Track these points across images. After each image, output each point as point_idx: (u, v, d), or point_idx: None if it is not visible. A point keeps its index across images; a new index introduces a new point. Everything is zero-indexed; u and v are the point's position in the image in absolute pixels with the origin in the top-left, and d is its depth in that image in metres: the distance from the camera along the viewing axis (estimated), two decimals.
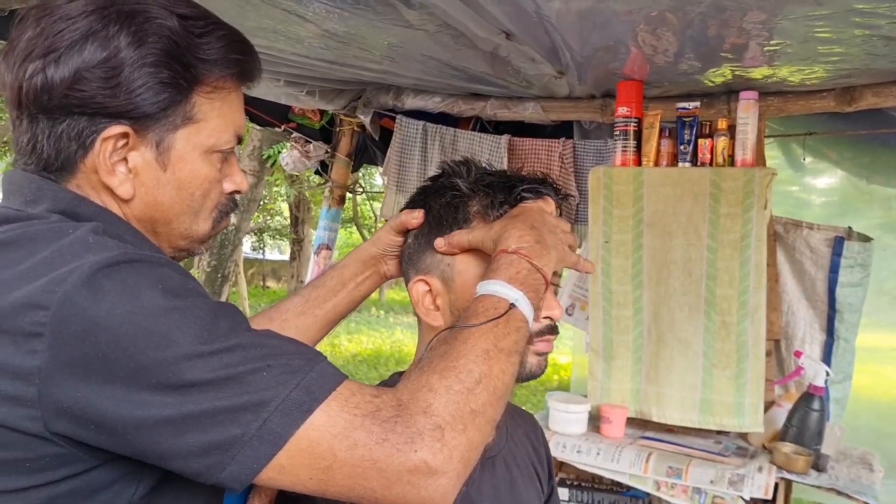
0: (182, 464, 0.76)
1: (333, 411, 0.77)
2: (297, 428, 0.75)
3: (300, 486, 0.78)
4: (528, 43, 2.14)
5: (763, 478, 2.09)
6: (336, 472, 0.77)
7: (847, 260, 2.41)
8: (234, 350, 0.77)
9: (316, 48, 2.32)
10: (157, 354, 0.74)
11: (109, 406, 0.74)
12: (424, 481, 0.77)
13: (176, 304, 0.77)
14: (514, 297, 0.93)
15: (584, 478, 2.47)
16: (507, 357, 0.88)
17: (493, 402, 0.85)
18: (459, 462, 0.79)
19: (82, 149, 0.87)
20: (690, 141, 2.42)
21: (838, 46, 1.98)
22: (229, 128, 0.95)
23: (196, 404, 0.74)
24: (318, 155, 3.29)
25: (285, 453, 0.75)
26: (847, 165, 2.91)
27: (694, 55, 2.16)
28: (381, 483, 0.77)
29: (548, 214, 1.08)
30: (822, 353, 2.50)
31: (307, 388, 0.77)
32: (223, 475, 0.75)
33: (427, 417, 0.79)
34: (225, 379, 0.75)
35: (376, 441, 0.77)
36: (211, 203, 0.97)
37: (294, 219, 12.14)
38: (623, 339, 2.47)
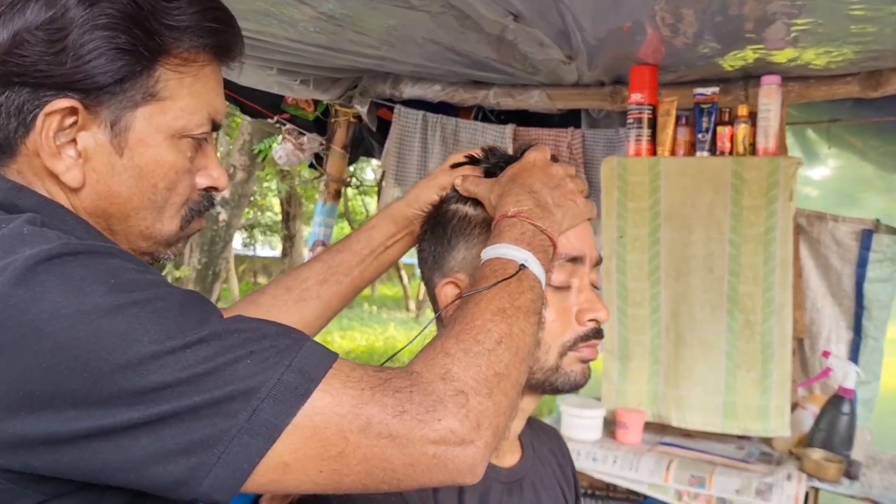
0: (157, 474, 0.62)
1: (335, 389, 0.66)
2: (293, 415, 0.64)
3: (310, 483, 0.66)
4: (537, 25, 2.01)
5: (792, 487, 1.96)
6: (350, 459, 0.65)
7: (876, 254, 2.29)
8: (209, 341, 0.64)
9: (310, 32, 2.18)
10: (117, 358, 0.61)
11: (61, 426, 0.61)
12: (452, 452, 0.67)
13: (134, 298, 0.64)
14: (522, 257, 0.83)
15: (598, 486, 2.35)
16: (525, 316, 0.79)
17: (516, 364, 0.76)
18: (488, 430, 0.70)
19: (23, 127, 0.74)
20: (709, 129, 2.29)
21: (871, 25, 1.86)
22: (201, 109, 0.80)
23: (171, 403, 0.61)
24: (312, 147, 3.16)
25: (286, 447, 0.64)
26: (873, 155, 2.79)
27: (714, 36, 2.03)
28: (403, 462, 0.66)
29: (548, 166, 0.96)
30: (849, 352, 2.38)
31: (300, 369, 0.66)
32: (208, 480, 0.62)
33: (447, 383, 0.69)
34: (203, 374, 0.63)
35: (393, 414, 0.66)
36: (178, 198, 0.82)
37: (285, 214, 12.02)
38: (639, 339, 2.34)
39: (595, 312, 0.97)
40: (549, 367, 0.96)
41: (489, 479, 0.99)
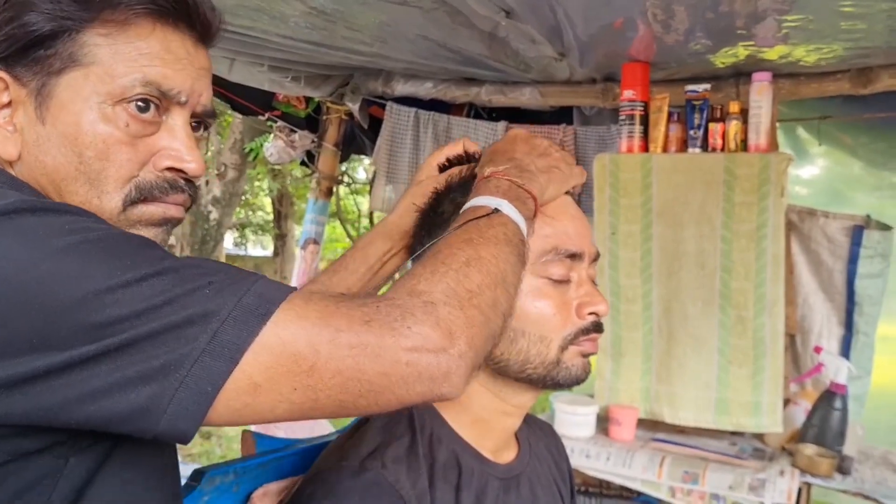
0: (118, 404, 0.60)
1: (299, 307, 0.65)
2: (256, 334, 0.62)
3: (285, 404, 0.64)
4: (529, 21, 2.01)
5: (785, 482, 1.96)
6: (323, 372, 0.64)
7: (867, 250, 2.30)
8: (165, 274, 0.63)
9: (302, 28, 2.17)
10: (72, 294, 0.59)
11: (19, 368, 0.59)
12: (426, 360, 0.66)
13: (87, 237, 0.63)
14: (495, 203, 0.83)
15: (592, 483, 2.34)
16: (496, 244, 0.78)
17: (490, 286, 0.74)
18: (462, 340, 0.68)
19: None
20: (701, 126, 2.29)
21: (861, 22, 1.86)
22: (133, 72, 0.74)
23: (129, 333, 0.60)
24: (303, 145, 3.14)
25: (255, 366, 0.62)
26: (863, 151, 2.80)
27: (705, 33, 2.03)
28: (377, 371, 0.65)
29: (531, 138, 0.97)
30: (840, 347, 2.38)
31: (259, 293, 0.64)
32: (171, 406, 0.60)
33: (414, 297, 0.68)
34: (161, 304, 0.61)
35: (361, 322, 0.65)
36: (117, 171, 0.76)
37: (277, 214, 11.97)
38: (632, 336, 2.34)
39: (595, 305, 0.97)
40: (550, 362, 0.95)
41: (485, 475, 0.98)
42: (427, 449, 0.95)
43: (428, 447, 0.96)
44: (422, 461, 0.93)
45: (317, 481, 0.91)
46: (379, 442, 0.93)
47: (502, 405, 1.01)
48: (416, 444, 0.94)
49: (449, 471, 0.95)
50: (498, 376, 0.98)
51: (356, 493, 0.87)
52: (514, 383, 0.98)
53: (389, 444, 0.93)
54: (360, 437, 0.95)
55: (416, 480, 0.90)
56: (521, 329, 0.94)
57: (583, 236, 0.98)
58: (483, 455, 1.00)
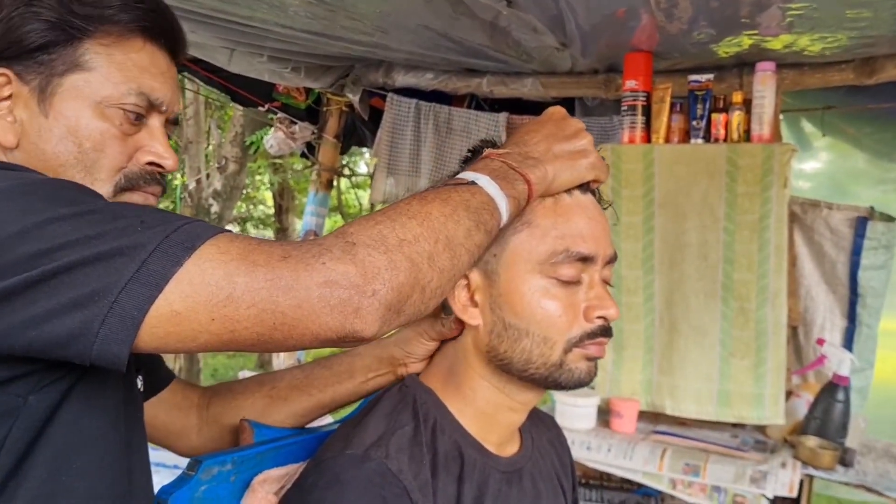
0: (53, 329, 0.65)
1: (223, 243, 0.69)
2: (181, 265, 0.67)
3: (205, 334, 0.68)
4: (531, 10, 2.00)
5: (787, 474, 1.96)
6: (239, 303, 0.67)
7: (870, 241, 2.28)
8: (100, 211, 0.69)
9: (302, 18, 2.16)
10: (12, 228, 0.66)
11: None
12: (337, 293, 0.68)
13: (30, 180, 0.71)
14: (474, 177, 0.83)
15: (592, 475, 2.34)
16: (451, 207, 0.78)
17: (429, 239, 0.74)
18: (378, 280, 0.70)
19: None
20: (703, 116, 2.27)
21: (867, 10, 1.85)
22: (128, 82, 0.86)
23: (63, 260, 0.65)
24: (304, 136, 3.13)
25: (176, 294, 0.66)
26: (867, 142, 2.78)
27: (709, 22, 2.02)
28: (290, 304, 0.68)
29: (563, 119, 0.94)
30: (843, 339, 2.37)
31: (188, 231, 0.69)
32: (102, 330, 0.65)
33: (336, 238, 0.71)
34: (94, 236, 0.66)
35: (278, 258, 0.68)
36: (109, 161, 0.86)
37: (278, 207, 11.95)
38: (634, 328, 2.33)
39: (604, 310, 0.94)
40: (553, 363, 0.93)
41: (488, 468, 0.97)
42: (430, 438, 0.94)
43: (431, 437, 0.95)
44: (425, 451, 0.92)
45: (320, 470, 0.90)
46: (383, 431, 0.92)
47: (507, 401, 0.99)
48: (420, 434, 0.93)
49: (451, 462, 0.94)
50: (502, 373, 0.97)
51: (360, 482, 0.86)
52: (517, 381, 0.97)
53: (393, 433, 0.91)
54: (364, 425, 0.94)
55: (419, 470, 0.89)
56: (525, 329, 0.92)
57: (598, 238, 0.95)
58: (486, 448, 0.99)
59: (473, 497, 0.94)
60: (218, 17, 2.16)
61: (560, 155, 0.90)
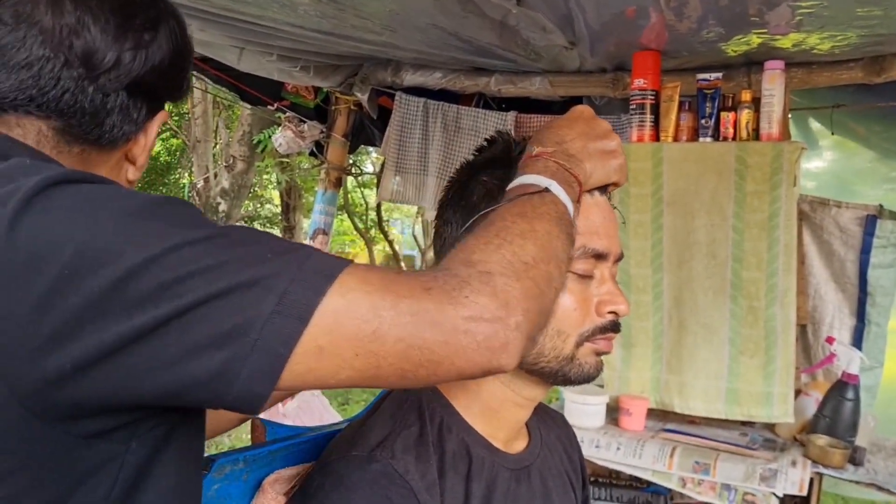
0: (192, 371, 0.60)
1: (361, 273, 0.65)
2: (324, 293, 0.62)
3: (346, 370, 0.64)
4: (540, 9, 1.99)
5: (797, 473, 1.95)
6: (386, 338, 0.63)
7: (880, 239, 2.28)
8: (227, 235, 0.64)
9: (311, 17, 2.16)
10: (135, 257, 0.59)
11: (92, 342, 0.58)
12: (483, 329, 0.65)
13: (148, 200, 0.64)
14: (545, 182, 0.82)
15: (601, 473, 2.34)
16: (548, 221, 0.77)
17: (544, 260, 0.73)
18: (518, 311, 0.67)
19: (135, 129, 0.86)
20: (712, 114, 2.27)
21: (878, 8, 1.84)
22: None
23: (194, 293, 0.59)
24: (312, 135, 3.14)
25: (320, 328, 0.61)
26: (875, 140, 2.77)
27: (718, 20, 2.01)
28: (437, 339, 0.64)
29: (592, 119, 0.94)
30: (852, 338, 2.36)
31: (322, 260, 0.65)
32: (245, 372, 0.60)
33: (469, 267, 0.68)
34: (225, 262, 0.61)
35: (421, 289, 0.65)
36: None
37: (285, 206, 11.96)
38: (642, 326, 2.33)
39: (616, 305, 0.96)
40: (565, 357, 0.94)
41: (496, 466, 0.97)
42: (437, 438, 0.94)
43: (438, 436, 0.95)
44: (432, 451, 0.92)
45: (326, 471, 0.90)
46: (388, 431, 0.92)
47: (513, 396, 1.00)
48: (426, 434, 0.93)
49: (459, 461, 0.94)
50: None
51: (365, 483, 0.86)
52: (525, 375, 0.97)
53: (399, 434, 0.92)
54: (370, 425, 0.94)
55: (425, 471, 0.89)
56: None
57: (611, 237, 0.97)
58: (494, 445, 0.99)
59: (482, 496, 0.94)
60: (228, 16, 2.17)
61: (593, 154, 0.90)
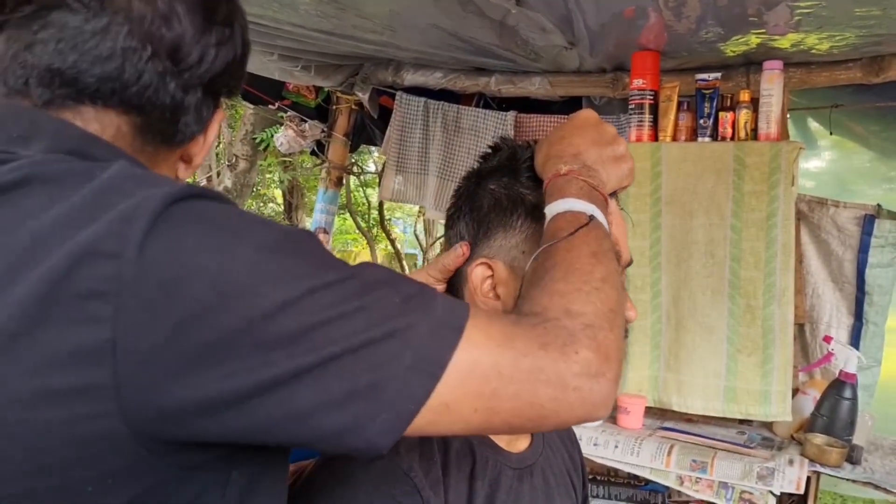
0: (322, 425, 0.58)
1: (483, 324, 0.64)
2: (454, 350, 0.61)
3: (461, 423, 0.63)
4: (540, 10, 2.00)
5: (794, 471, 1.96)
6: (503, 395, 0.63)
7: (877, 239, 2.28)
8: (355, 278, 0.62)
9: (312, 17, 2.17)
10: (278, 294, 0.56)
11: (220, 386, 0.55)
12: (589, 386, 0.66)
13: (284, 232, 0.61)
14: (589, 210, 0.82)
15: (600, 471, 2.35)
16: (611, 259, 0.79)
17: (619, 303, 0.74)
18: (615, 362, 0.68)
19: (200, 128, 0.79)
20: (711, 114, 2.28)
21: (876, 8, 1.85)
22: None
23: (331, 345, 0.57)
24: (313, 134, 3.15)
25: (447, 385, 0.60)
26: (874, 140, 2.77)
27: (717, 21, 2.02)
28: (549, 396, 0.64)
29: (600, 124, 0.94)
30: (850, 337, 2.37)
31: (447, 307, 0.64)
32: (374, 427, 0.58)
33: (573, 318, 0.68)
34: (358, 309, 0.59)
35: (538, 346, 0.64)
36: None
37: (287, 205, 11.97)
38: (641, 325, 2.34)
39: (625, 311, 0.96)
40: None
41: (500, 465, 0.98)
42: (440, 437, 0.95)
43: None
44: (435, 449, 0.92)
45: (329, 468, 0.90)
46: None
47: None
48: None
49: (463, 460, 0.94)
50: None
51: (369, 480, 0.86)
52: None
53: None
54: None
55: (429, 469, 0.89)
56: None
57: (622, 243, 0.98)
58: (497, 444, 0.99)
59: (486, 494, 0.94)
60: None
61: (607, 161, 0.90)
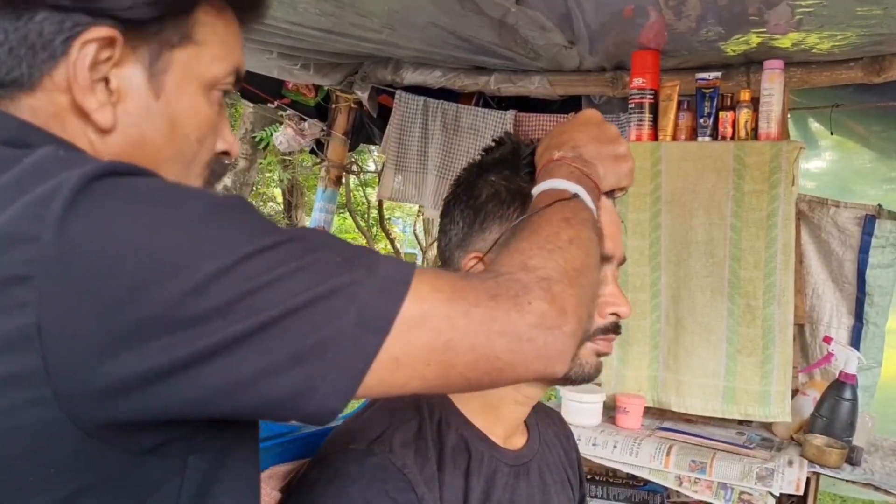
0: (269, 390, 0.56)
1: (431, 279, 0.63)
2: (401, 303, 0.59)
3: (416, 379, 0.62)
4: (539, 8, 2.00)
5: (794, 472, 1.95)
6: (457, 347, 0.62)
7: (878, 239, 2.27)
8: (295, 239, 0.59)
9: (311, 15, 2.17)
10: (210, 264, 0.54)
11: (159, 358, 0.53)
12: (544, 337, 0.65)
13: (213, 202, 0.58)
14: (574, 189, 0.82)
15: (599, 471, 2.34)
16: (589, 228, 0.78)
17: (590, 267, 0.74)
18: (573, 317, 0.67)
19: (52, 57, 0.64)
20: (711, 114, 2.27)
21: (877, 8, 1.84)
22: (230, 59, 0.74)
23: (272, 309, 0.55)
24: (313, 133, 3.14)
25: (396, 339, 0.59)
26: (875, 140, 2.76)
27: (718, 20, 2.01)
28: (504, 347, 0.63)
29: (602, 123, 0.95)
30: (850, 338, 2.36)
31: (392, 265, 0.62)
32: (324, 388, 0.57)
33: (528, 272, 0.68)
34: (298, 270, 0.57)
35: (489, 297, 0.63)
36: (206, 155, 0.75)
37: (287, 204, 11.96)
38: (640, 325, 2.33)
39: (617, 307, 0.98)
40: None
41: (495, 461, 0.98)
42: (436, 433, 0.95)
43: (437, 432, 0.95)
44: (430, 446, 0.92)
45: (323, 464, 0.90)
46: (387, 425, 0.93)
47: (513, 394, 1.00)
48: (425, 429, 0.94)
49: (458, 456, 0.95)
50: None
51: (363, 476, 0.86)
52: None
53: (398, 428, 0.92)
54: (367, 420, 0.95)
55: (424, 465, 0.90)
56: None
57: (616, 240, 1.00)
58: (493, 441, 1.00)
59: (482, 490, 0.95)
60: None
61: (605, 159, 0.91)
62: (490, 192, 0.98)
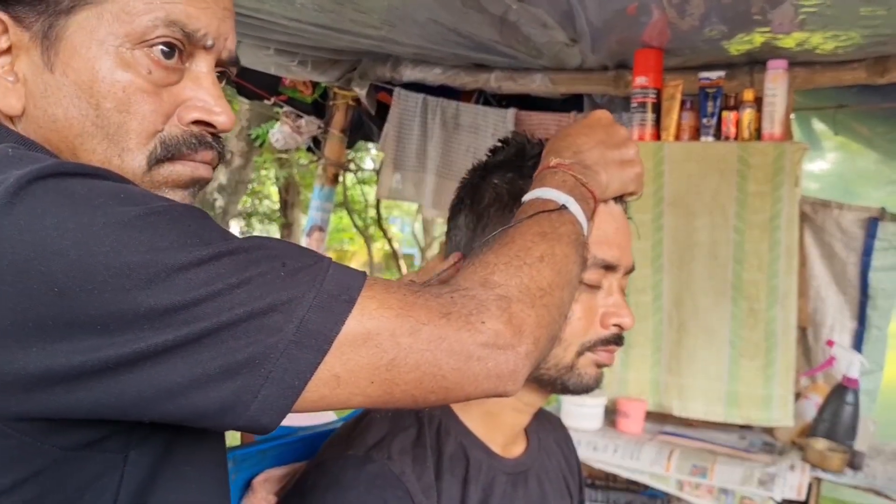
0: (199, 402, 0.56)
1: (379, 294, 0.62)
2: (343, 322, 0.59)
3: (360, 396, 0.61)
4: (541, 5, 1.97)
5: (796, 477, 1.94)
6: (402, 366, 0.61)
7: (881, 242, 2.26)
8: (238, 251, 0.58)
9: (309, 11, 2.14)
10: (140, 273, 0.54)
11: (83, 357, 0.53)
12: (496, 357, 0.64)
13: (150, 208, 0.57)
14: (563, 199, 0.80)
15: (598, 476, 2.32)
16: (567, 243, 0.76)
17: (559, 286, 0.72)
18: (529, 338, 0.67)
19: None
20: (714, 114, 2.25)
21: (882, 8, 1.82)
22: (154, 9, 0.64)
23: (205, 321, 0.54)
24: (310, 130, 3.11)
25: (337, 358, 0.59)
26: (879, 141, 2.75)
27: (721, 18, 1.99)
28: (452, 366, 0.63)
29: (611, 125, 0.91)
30: (853, 341, 2.34)
31: (338, 279, 0.61)
32: (256, 403, 0.56)
33: (488, 289, 0.67)
34: (236, 285, 0.56)
35: (439, 315, 0.63)
36: (139, 125, 0.66)
37: (283, 202, 11.94)
38: (641, 327, 2.31)
39: (620, 318, 0.95)
40: (565, 366, 0.94)
41: (494, 470, 0.97)
42: (434, 441, 0.94)
43: (435, 439, 0.94)
44: (429, 453, 0.92)
45: (321, 470, 0.90)
46: (385, 432, 0.92)
47: (513, 402, 0.99)
48: (424, 436, 0.93)
49: (456, 463, 0.94)
50: None
51: (360, 483, 0.85)
52: (525, 382, 0.96)
53: (396, 435, 0.91)
54: (366, 426, 0.94)
55: (422, 473, 0.89)
56: None
57: (623, 248, 0.96)
58: (491, 449, 0.99)
59: (479, 499, 0.93)
60: None
61: (611, 164, 0.88)
62: (493, 196, 0.96)
